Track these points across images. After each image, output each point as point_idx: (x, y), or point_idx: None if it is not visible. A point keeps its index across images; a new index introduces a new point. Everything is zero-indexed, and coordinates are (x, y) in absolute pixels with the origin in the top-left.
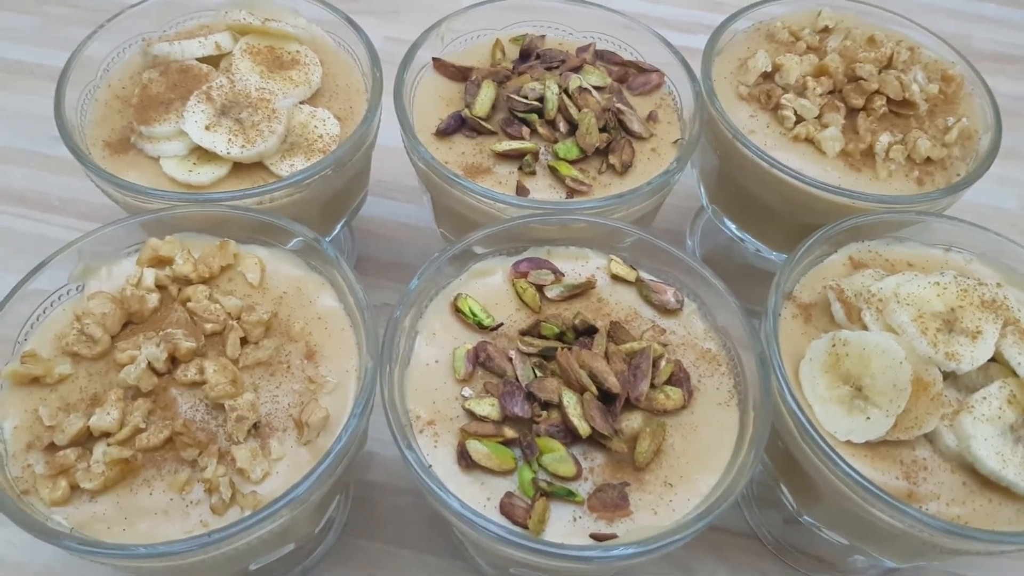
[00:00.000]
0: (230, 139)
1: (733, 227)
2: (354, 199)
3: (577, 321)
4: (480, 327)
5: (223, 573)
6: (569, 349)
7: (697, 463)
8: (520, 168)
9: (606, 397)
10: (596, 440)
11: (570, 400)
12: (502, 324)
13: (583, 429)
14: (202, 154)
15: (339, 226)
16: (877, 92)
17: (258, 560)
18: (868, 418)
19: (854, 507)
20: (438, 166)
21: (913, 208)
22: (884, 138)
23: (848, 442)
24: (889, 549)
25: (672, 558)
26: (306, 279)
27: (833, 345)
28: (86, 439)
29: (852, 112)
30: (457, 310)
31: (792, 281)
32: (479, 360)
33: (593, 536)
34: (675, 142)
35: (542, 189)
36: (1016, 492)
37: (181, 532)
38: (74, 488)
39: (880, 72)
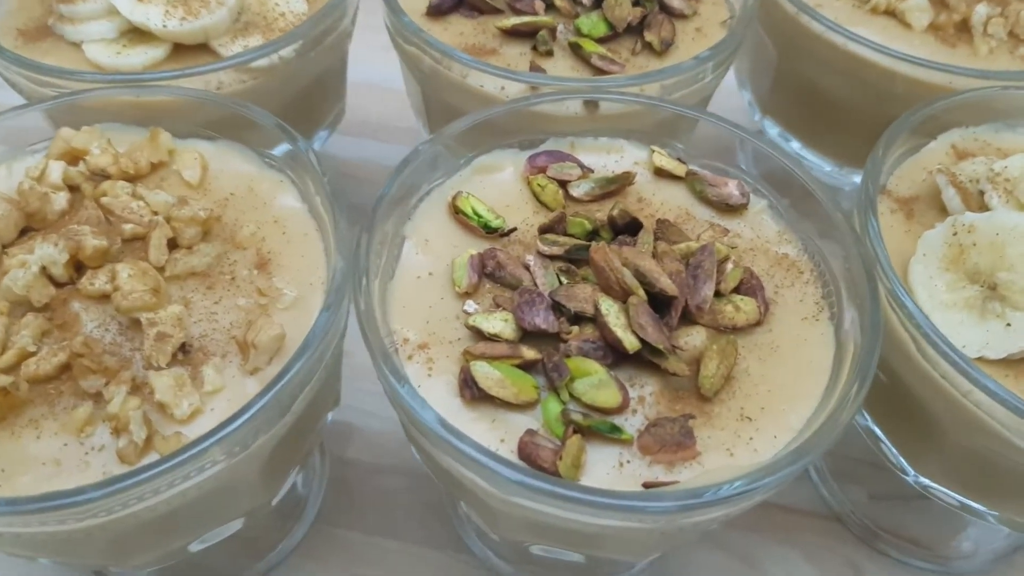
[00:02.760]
0: (167, 11)
1: (795, 142)
2: (326, 108)
3: (616, 213)
4: (487, 231)
5: (154, 554)
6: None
7: (782, 391)
8: (533, 48)
9: (657, 305)
10: (647, 360)
11: (610, 308)
12: (515, 229)
13: (630, 342)
14: (134, 35)
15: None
16: None
17: (197, 535)
18: (1008, 324)
19: (992, 444)
20: (432, 41)
21: (1017, 83)
22: (981, 9)
23: (982, 358)
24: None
25: (731, 545)
26: (260, 177)
27: (954, 233)
28: None
29: None
30: (457, 211)
31: (885, 173)
32: (486, 270)
33: (647, 485)
34: (724, 21)
35: (563, 72)
36: None
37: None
38: None
39: None
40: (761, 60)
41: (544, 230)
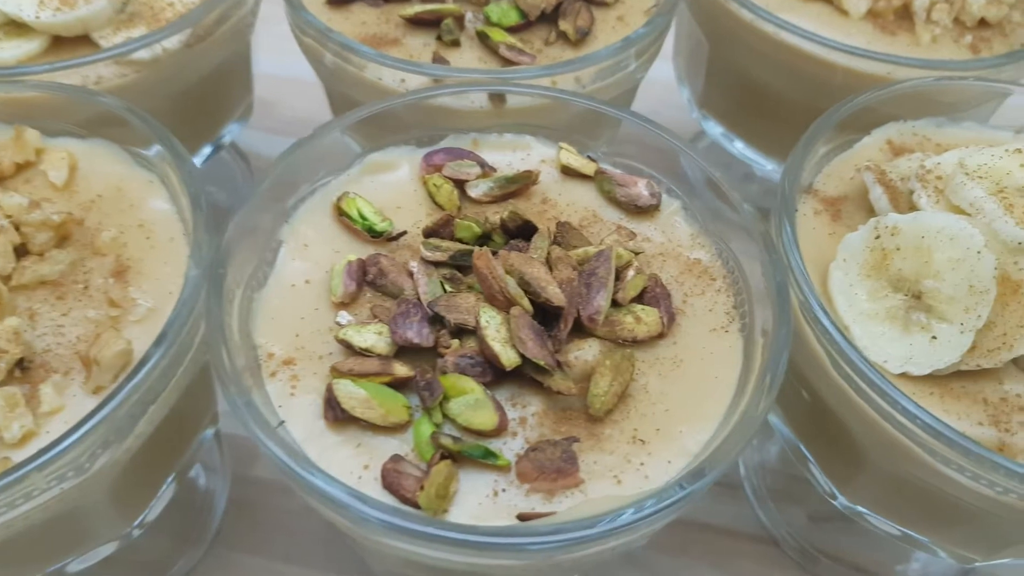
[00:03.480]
0: (42, 1)
1: (739, 141)
2: (230, 103)
3: (507, 215)
4: (373, 235)
5: (27, 571)
6: (494, 253)
7: (681, 411)
8: (438, 38)
9: (548, 317)
10: (530, 377)
11: (490, 320)
12: (404, 233)
13: (507, 358)
14: (10, 27)
15: (210, 146)
16: None
17: (60, 558)
18: (933, 337)
19: (917, 471)
20: (330, 34)
21: (970, 74)
22: None
23: (904, 375)
24: (964, 536)
25: (658, 568)
26: (130, 177)
27: (877, 236)
28: None
29: None
30: (341, 213)
31: (811, 171)
32: (367, 277)
33: (522, 517)
34: (649, 9)
35: (468, 63)
36: None
37: None
38: None
39: None
40: (695, 53)
41: (429, 234)
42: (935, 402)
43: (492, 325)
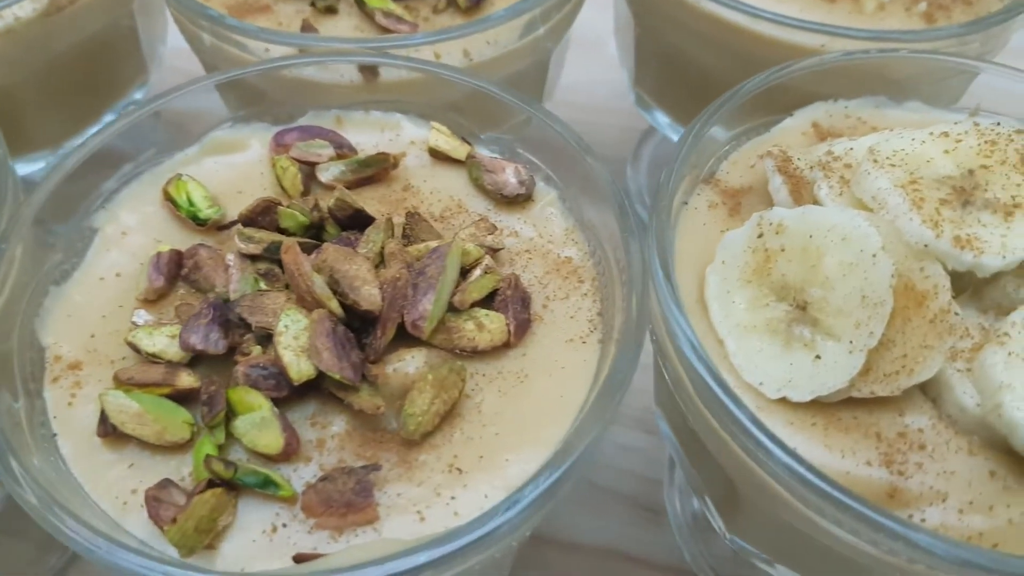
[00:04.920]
0: None
1: (665, 119)
2: (116, 82)
3: (333, 204)
4: (197, 223)
5: None
6: (314, 247)
7: (514, 435)
8: (312, 4)
9: (365, 323)
10: (333, 393)
11: (292, 324)
12: (236, 221)
13: (298, 370)
14: None
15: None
16: None
17: None
18: (817, 357)
19: (790, 518)
20: (189, 3)
21: (921, 46)
22: None
23: (784, 400)
24: None
25: None
26: None
27: (760, 235)
28: None
29: None
30: (168, 198)
31: (718, 158)
32: (183, 271)
33: (298, 558)
34: None
35: (343, 32)
36: None
37: None
38: None
39: None
40: (625, 28)
41: (247, 222)
42: (816, 435)
43: (291, 331)
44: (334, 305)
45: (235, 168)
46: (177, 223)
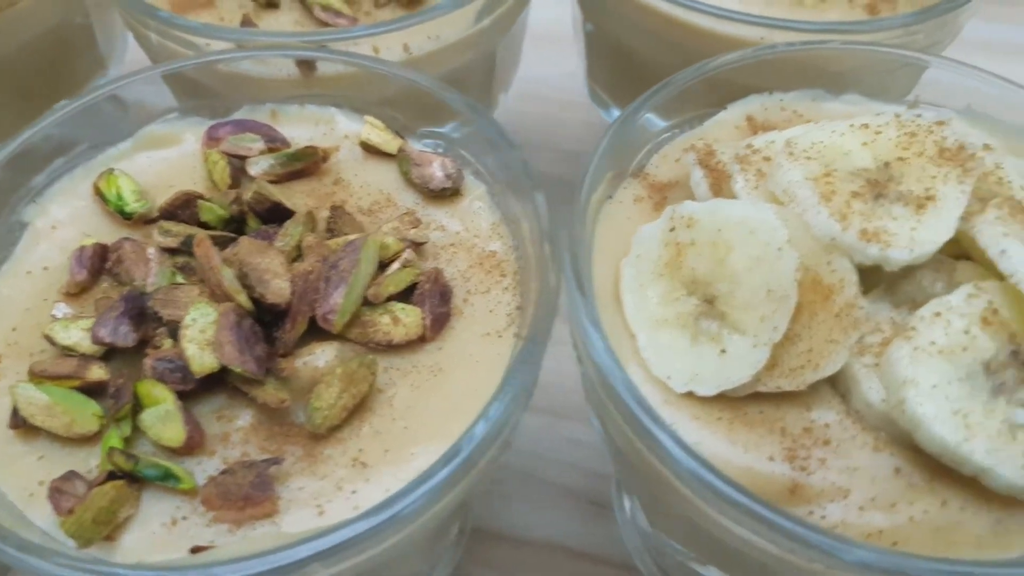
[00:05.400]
0: None
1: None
2: (71, 82)
3: (250, 197)
4: (124, 216)
5: None
6: (230, 240)
7: (423, 429)
8: None
9: (277, 316)
10: (238, 388)
11: (199, 317)
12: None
13: (200, 363)
14: None
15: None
16: None
17: None
18: (723, 351)
19: (696, 516)
20: (132, 1)
21: (861, 38)
22: None
23: (690, 394)
24: None
25: None
26: None
27: (672, 228)
28: None
29: None
30: (98, 192)
31: (649, 151)
32: (106, 265)
33: (195, 550)
34: None
35: (284, 27)
36: (990, 484)
37: None
38: None
39: None
40: (576, 21)
41: (167, 216)
42: (721, 429)
43: (199, 324)
44: (243, 298)
45: (168, 162)
46: (107, 217)
